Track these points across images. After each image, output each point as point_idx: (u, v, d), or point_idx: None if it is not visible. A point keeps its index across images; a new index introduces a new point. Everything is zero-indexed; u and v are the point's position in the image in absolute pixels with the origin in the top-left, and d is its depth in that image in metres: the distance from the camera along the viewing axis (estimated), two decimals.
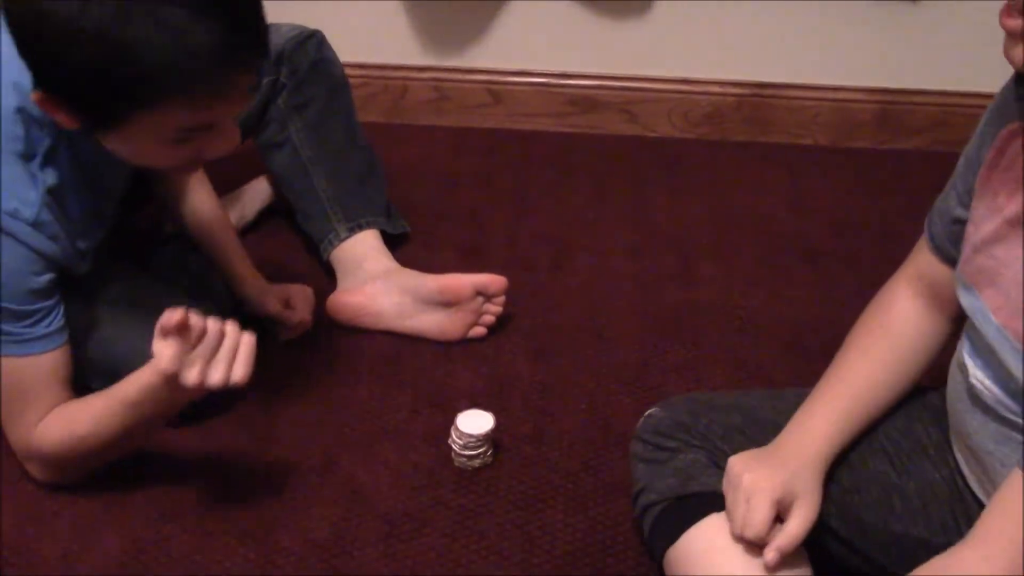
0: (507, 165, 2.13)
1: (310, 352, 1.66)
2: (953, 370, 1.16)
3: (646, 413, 1.30)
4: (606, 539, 1.36)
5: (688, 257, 1.89)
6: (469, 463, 1.45)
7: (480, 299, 1.66)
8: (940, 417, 1.21)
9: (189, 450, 1.48)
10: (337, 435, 1.51)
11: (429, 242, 1.90)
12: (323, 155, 1.75)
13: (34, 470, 1.38)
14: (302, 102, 1.73)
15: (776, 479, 1.13)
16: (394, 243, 1.87)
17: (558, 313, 1.76)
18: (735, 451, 1.20)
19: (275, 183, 1.87)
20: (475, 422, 1.44)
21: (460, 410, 1.46)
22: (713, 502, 1.18)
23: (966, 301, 1.09)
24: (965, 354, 1.11)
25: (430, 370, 1.63)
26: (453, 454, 1.45)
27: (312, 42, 1.73)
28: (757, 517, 1.11)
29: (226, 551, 1.34)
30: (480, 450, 1.44)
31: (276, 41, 1.68)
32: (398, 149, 2.14)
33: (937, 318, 1.21)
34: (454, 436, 1.45)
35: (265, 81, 1.71)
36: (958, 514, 1.16)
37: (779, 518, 1.13)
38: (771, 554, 1.12)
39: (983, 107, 1.14)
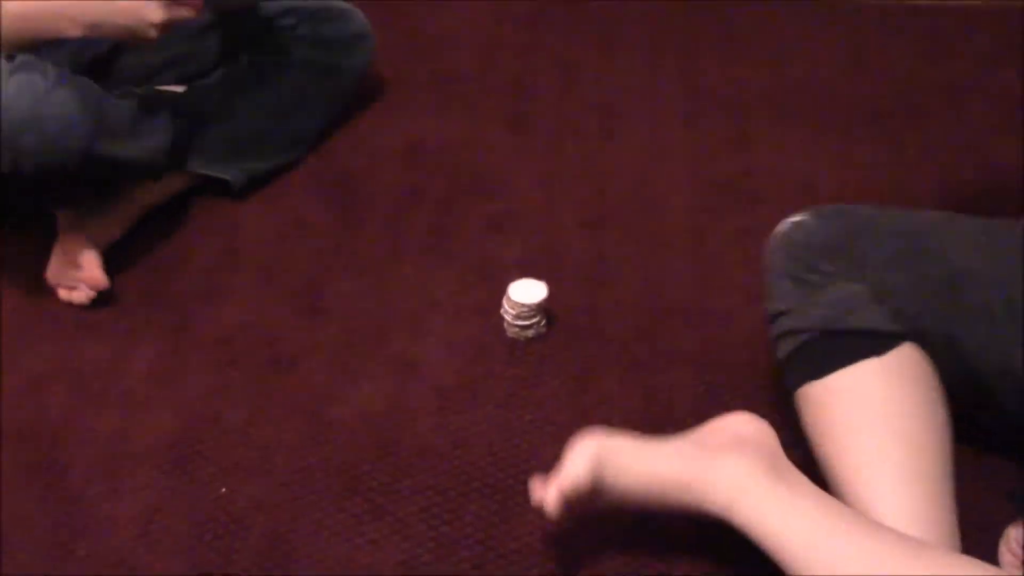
0: (551, 31, 2.05)
1: (355, 226, 1.62)
2: None
3: (792, 219, 1.18)
4: (663, 409, 1.33)
5: (744, 122, 1.81)
6: (522, 333, 1.41)
7: None
8: None
9: (236, 326, 1.46)
10: (386, 309, 1.48)
11: (472, 112, 1.84)
12: (259, 93, 1.67)
13: None
14: (306, 35, 1.68)
15: None
16: (440, 115, 1.81)
17: (609, 182, 1.70)
18: (898, 284, 1.10)
19: None
20: (528, 291, 1.40)
21: (511, 281, 1.42)
22: (872, 345, 1.10)
23: None
24: None
25: (479, 241, 1.59)
26: (506, 324, 1.42)
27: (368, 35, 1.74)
28: None
29: (279, 424, 1.32)
30: (533, 320, 1.40)
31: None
32: (436, 16, 2.06)
33: None
34: (506, 306, 1.41)
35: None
36: None
37: None
38: None
39: None
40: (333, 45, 1.72)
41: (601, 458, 1.06)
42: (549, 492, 1.05)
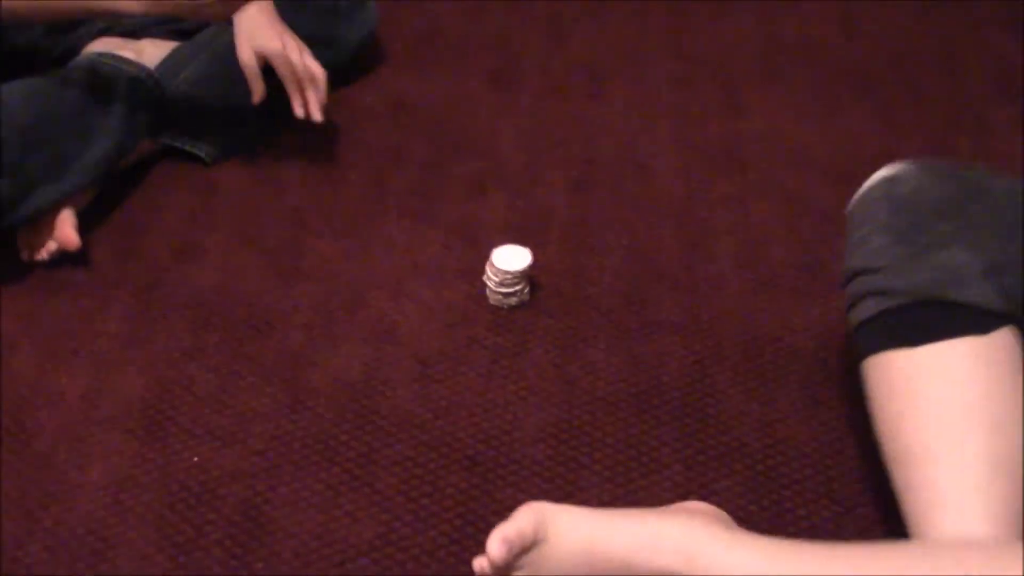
0: None
1: (334, 186, 1.58)
2: None
3: (888, 172, 1.07)
4: (650, 378, 1.30)
5: (734, 86, 1.78)
6: (505, 301, 1.37)
7: None
8: None
9: (210, 287, 1.42)
10: (366, 271, 1.44)
11: (456, 69, 1.79)
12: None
13: None
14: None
15: None
16: (423, 73, 1.76)
17: (596, 143, 1.66)
18: (1014, 258, 1.00)
19: None
20: (512, 257, 1.36)
21: (495, 245, 1.38)
22: (975, 322, 0.99)
23: None
24: None
25: (462, 203, 1.55)
26: (488, 291, 1.38)
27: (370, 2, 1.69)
28: None
29: (253, 390, 1.28)
30: (517, 287, 1.37)
31: None
32: None
33: None
34: (489, 272, 1.37)
35: None
36: None
37: None
38: None
39: None
40: (330, 12, 1.65)
41: (546, 517, 0.96)
42: (492, 540, 0.95)
